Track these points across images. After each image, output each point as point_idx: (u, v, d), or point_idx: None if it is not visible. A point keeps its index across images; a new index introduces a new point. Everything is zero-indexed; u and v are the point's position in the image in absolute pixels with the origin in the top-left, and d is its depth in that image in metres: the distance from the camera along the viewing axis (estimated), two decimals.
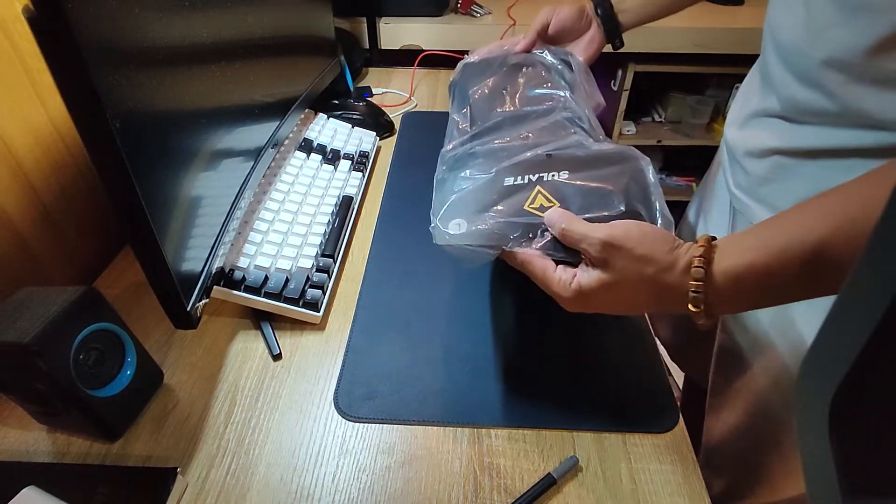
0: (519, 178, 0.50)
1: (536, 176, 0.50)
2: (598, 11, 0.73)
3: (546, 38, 0.74)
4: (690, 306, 0.39)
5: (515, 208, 0.48)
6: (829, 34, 0.46)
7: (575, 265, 0.44)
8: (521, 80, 0.67)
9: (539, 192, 0.48)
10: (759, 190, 0.58)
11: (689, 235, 0.82)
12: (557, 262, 0.45)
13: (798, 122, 0.52)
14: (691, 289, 0.38)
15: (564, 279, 0.43)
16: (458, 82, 0.71)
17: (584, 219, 0.44)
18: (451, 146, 0.60)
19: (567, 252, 0.45)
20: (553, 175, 0.49)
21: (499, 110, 0.63)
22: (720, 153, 0.73)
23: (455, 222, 0.48)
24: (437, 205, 0.51)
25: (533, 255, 0.45)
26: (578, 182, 0.48)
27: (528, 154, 0.52)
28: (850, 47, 0.45)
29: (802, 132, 0.52)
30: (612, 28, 0.73)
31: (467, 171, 0.53)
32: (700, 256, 0.38)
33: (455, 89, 0.71)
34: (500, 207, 0.48)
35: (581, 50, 0.74)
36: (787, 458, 0.61)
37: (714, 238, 0.40)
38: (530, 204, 0.48)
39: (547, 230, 0.45)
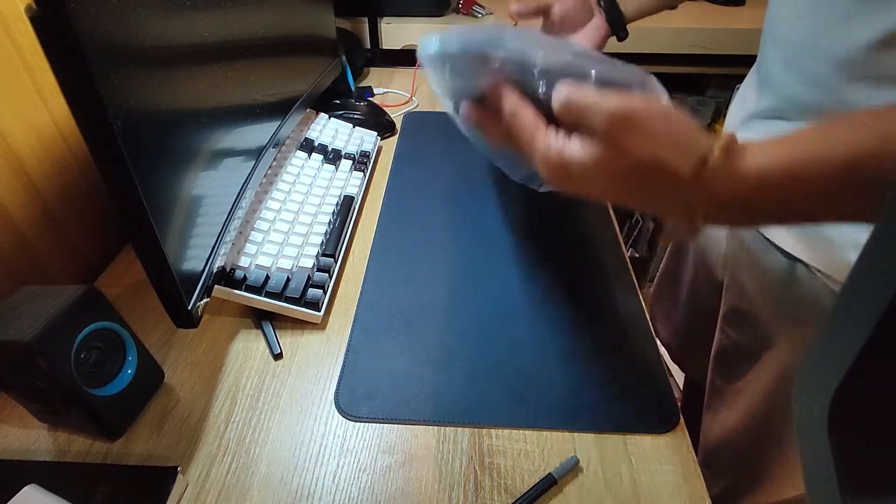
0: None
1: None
2: (602, 3, 0.71)
3: (549, 25, 0.72)
4: (690, 205, 0.34)
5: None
6: (833, 29, 0.46)
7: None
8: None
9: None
10: None
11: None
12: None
13: (797, 122, 0.52)
14: (706, 158, 0.33)
15: (555, 145, 0.36)
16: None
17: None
18: None
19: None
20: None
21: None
22: None
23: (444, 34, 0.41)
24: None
25: (526, 105, 0.38)
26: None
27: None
28: (855, 42, 0.44)
29: None
30: (616, 18, 0.70)
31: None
32: (720, 146, 0.33)
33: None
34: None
35: (586, 38, 0.71)
36: (788, 459, 0.61)
37: (734, 139, 0.34)
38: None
39: (544, 79, 0.38)
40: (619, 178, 0.35)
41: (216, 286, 0.57)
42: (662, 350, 0.84)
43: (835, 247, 0.51)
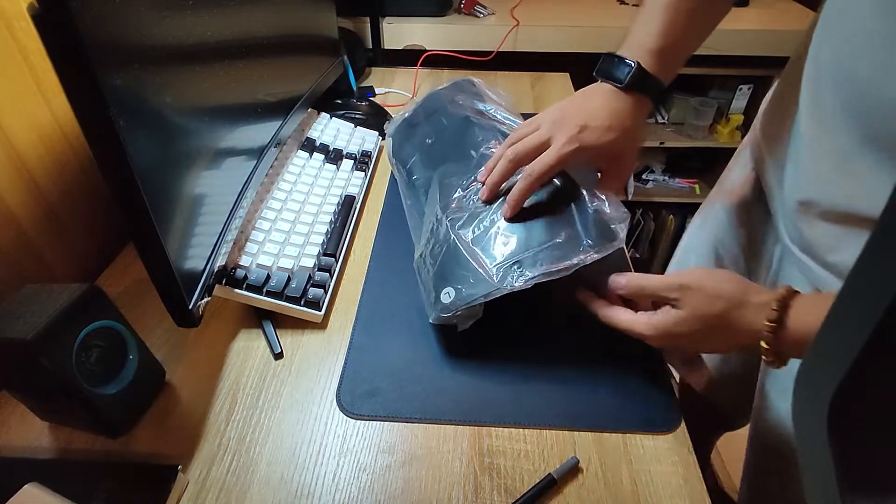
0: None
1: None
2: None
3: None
4: (762, 344, 0.41)
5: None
6: None
7: None
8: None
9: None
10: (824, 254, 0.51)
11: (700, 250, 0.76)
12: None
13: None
14: (765, 329, 0.40)
15: (643, 321, 0.48)
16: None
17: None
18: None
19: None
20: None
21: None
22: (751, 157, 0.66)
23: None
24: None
25: (614, 310, 0.51)
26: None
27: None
28: None
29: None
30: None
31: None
32: (778, 301, 0.40)
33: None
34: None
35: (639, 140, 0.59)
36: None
37: (795, 291, 0.42)
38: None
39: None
40: (697, 329, 0.45)
41: (217, 285, 0.57)
42: None
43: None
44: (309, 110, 0.89)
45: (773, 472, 0.60)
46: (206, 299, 0.52)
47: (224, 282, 0.58)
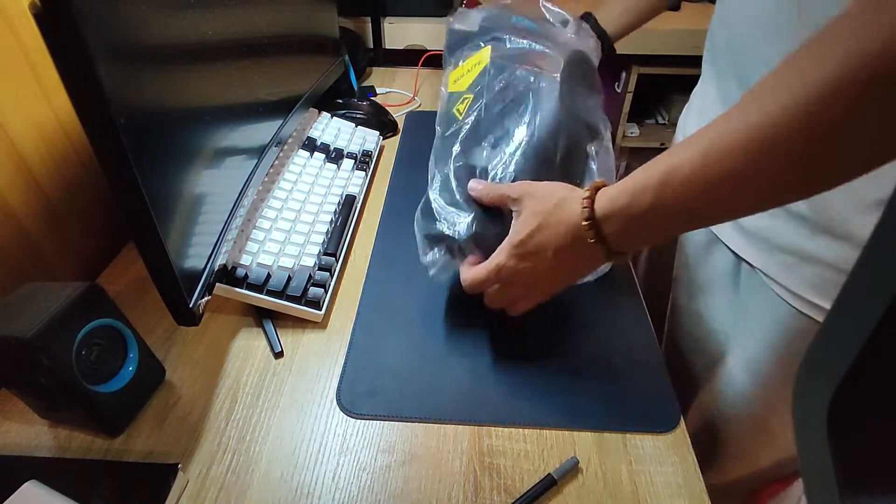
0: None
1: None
2: (588, 22, 0.77)
3: None
4: (588, 239, 0.43)
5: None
6: (781, 13, 0.47)
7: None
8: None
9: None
10: None
11: None
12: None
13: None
14: (583, 217, 0.43)
15: (482, 266, 0.51)
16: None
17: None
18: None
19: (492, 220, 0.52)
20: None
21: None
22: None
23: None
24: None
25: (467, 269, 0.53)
26: None
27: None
28: (800, 28, 0.45)
29: None
30: (609, 53, 0.79)
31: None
32: (588, 190, 0.44)
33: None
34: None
35: None
36: (761, 431, 0.63)
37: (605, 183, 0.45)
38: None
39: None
40: (538, 241, 0.47)
41: (218, 284, 0.57)
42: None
43: (778, 251, 0.53)
44: (310, 110, 0.89)
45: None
46: (206, 298, 0.53)
47: (224, 281, 0.58)
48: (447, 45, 0.76)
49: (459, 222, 0.54)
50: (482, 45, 0.69)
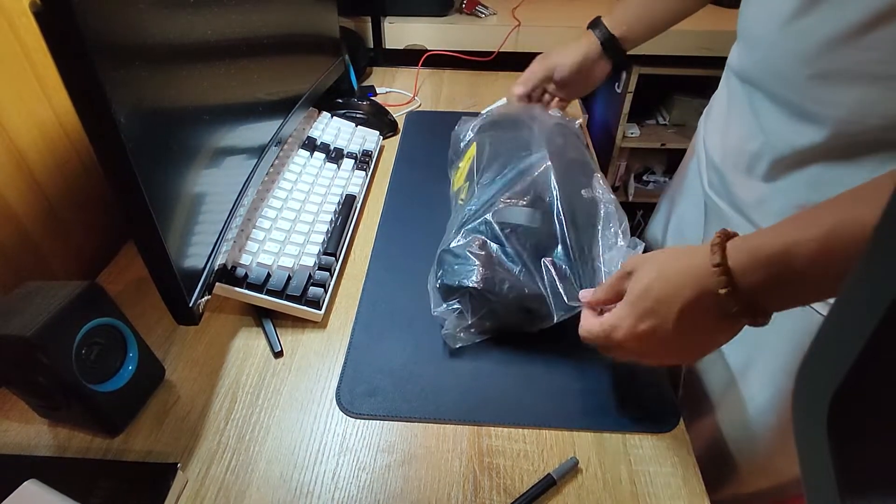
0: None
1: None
2: (604, 45, 0.76)
3: (557, 88, 0.82)
4: (718, 289, 0.37)
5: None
6: (792, 25, 0.47)
7: None
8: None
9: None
10: (735, 197, 0.59)
11: (660, 225, 0.85)
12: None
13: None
14: (713, 262, 0.38)
15: (597, 320, 0.47)
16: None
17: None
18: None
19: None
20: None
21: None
22: (695, 148, 0.74)
23: None
24: None
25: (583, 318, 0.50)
26: None
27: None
28: (812, 38, 0.45)
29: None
30: (619, 59, 0.78)
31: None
32: (717, 237, 0.39)
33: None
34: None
35: (584, 87, 0.82)
36: (761, 454, 0.62)
37: (730, 232, 0.41)
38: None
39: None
40: (656, 305, 0.41)
41: (217, 283, 0.57)
42: None
43: None
44: (310, 109, 0.89)
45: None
46: (206, 297, 0.52)
47: (224, 280, 0.58)
48: (452, 149, 0.82)
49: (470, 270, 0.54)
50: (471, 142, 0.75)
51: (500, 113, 0.80)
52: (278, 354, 0.57)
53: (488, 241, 0.56)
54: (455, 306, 0.55)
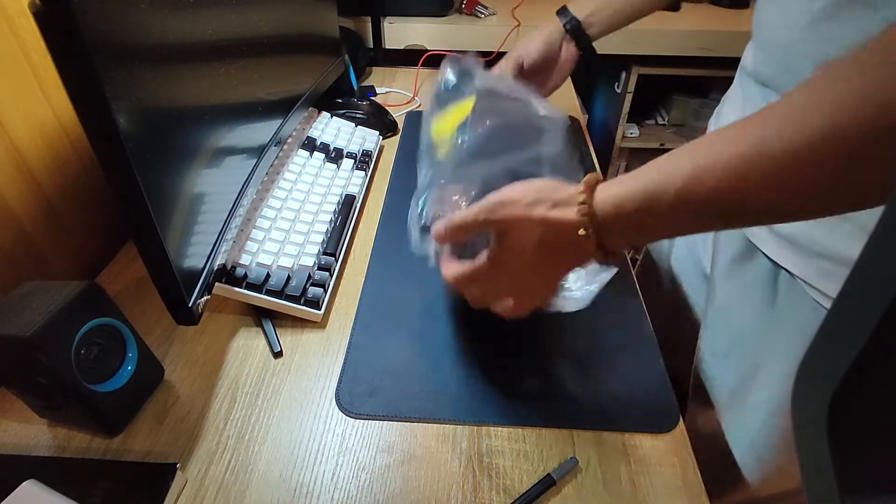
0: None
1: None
2: (567, 27, 0.77)
3: (524, 75, 0.81)
4: (580, 231, 0.40)
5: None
6: (814, 30, 0.46)
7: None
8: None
9: None
10: None
11: None
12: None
13: None
14: (579, 211, 0.39)
15: (463, 265, 0.47)
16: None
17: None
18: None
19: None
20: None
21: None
22: None
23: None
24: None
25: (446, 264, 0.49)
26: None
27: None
28: (834, 43, 0.45)
29: None
30: (584, 43, 0.78)
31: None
32: (583, 184, 0.41)
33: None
34: None
35: (557, 75, 0.81)
36: (770, 458, 0.61)
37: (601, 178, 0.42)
38: None
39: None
40: (520, 244, 0.43)
41: (217, 283, 0.57)
42: None
43: (815, 256, 0.51)
44: (310, 109, 0.89)
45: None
46: (205, 297, 0.52)
47: (224, 280, 0.58)
48: (436, 92, 0.76)
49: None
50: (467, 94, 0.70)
51: (495, 83, 0.77)
52: (278, 354, 0.57)
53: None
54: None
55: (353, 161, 0.82)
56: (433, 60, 1.18)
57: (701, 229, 0.39)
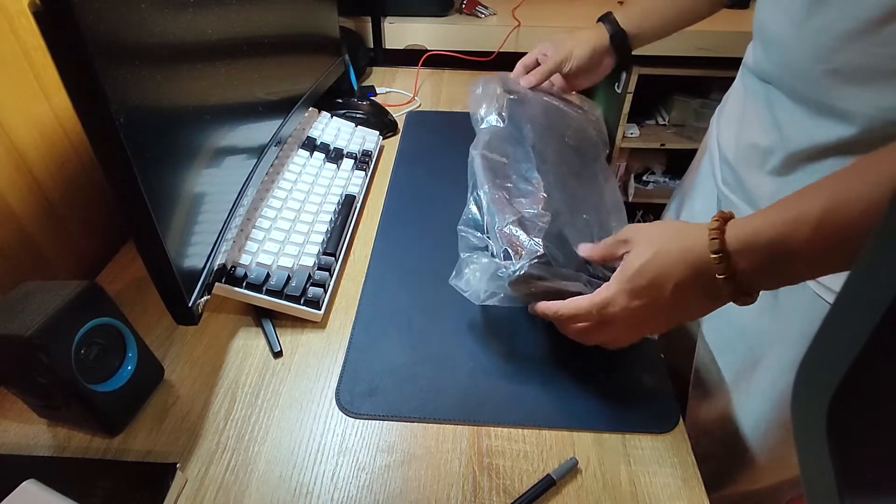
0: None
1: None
2: (615, 42, 0.76)
3: (566, 77, 0.80)
4: (716, 274, 0.38)
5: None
6: (807, 22, 0.47)
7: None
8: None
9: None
10: (749, 192, 0.59)
11: (671, 219, 0.85)
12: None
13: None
14: (712, 249, 0.38)
15: (586, 298, 0.47)
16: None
17: None
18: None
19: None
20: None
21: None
22: (708, 145, 0.74)
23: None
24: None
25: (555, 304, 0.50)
26: None
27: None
28: (825, 34, 0.45)
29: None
30: (624, 57, 0.78)
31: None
32: (716, 221, 0.40)
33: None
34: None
35: (589, 79, 0.81)
36: (769, 449, 0.62)
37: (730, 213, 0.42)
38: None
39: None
40: (652, 278, 0.42)
41: (217, 283, 0.57)
42: None
43: None
44: (310, 109, 0.89)
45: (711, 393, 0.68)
46: (205, 297, 0.52)
47: (224, 280, 0.58)
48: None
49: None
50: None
51: (524, 94, 0.78)
52: (278, 354, 0.57)
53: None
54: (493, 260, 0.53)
55: (353, 161, 0.82)
56: (433, 60, 1.18)
57: (844, 268, 0.37)
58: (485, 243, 0.57)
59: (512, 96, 0.75)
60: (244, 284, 0.59)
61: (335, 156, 0.81)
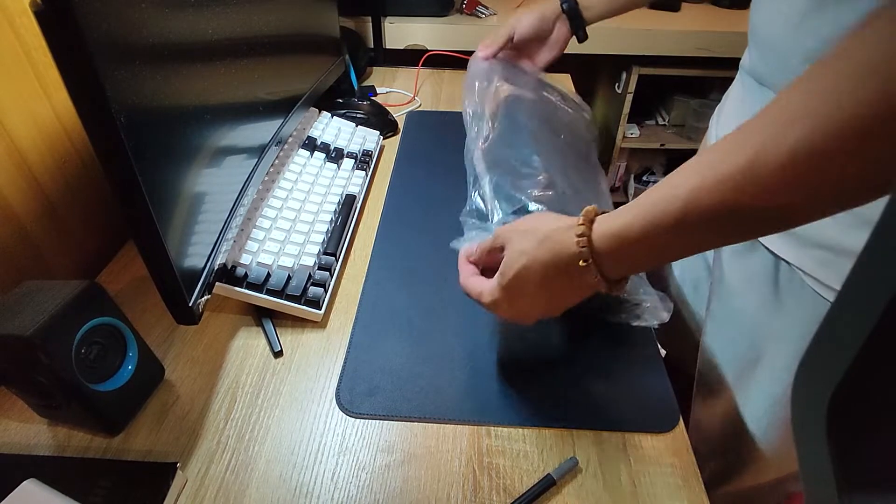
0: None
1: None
2: (564, 7, 0.78)
3: (513, 47, 0.82)
4: (580, 262, 0.41)
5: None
6: (804, 23, 0.47)
7: None
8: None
9: None
10: None
11: None
12: None
13: None
14: (578, 243, 0.40)
15: (475, 283, 0.50)
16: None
17: None
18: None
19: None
20: None
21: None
22: (707, 144, 0.74)
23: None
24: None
25: (470, 278, 0.51)
26: None
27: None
28: (820, 36, 0.45)
29: None
30: (578, 24, 0.79)
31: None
32: (582, 216, 0.42)
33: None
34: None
35: (547, 51, 0.82)
36: (771, 445, 0.62)
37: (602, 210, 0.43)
38: None
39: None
40: (525, 270, 0.44)
41: (217, 283, 0.57)
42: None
43: (812, 246, 0.52)
44: (310, 109, 0.89)
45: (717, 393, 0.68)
46: (206, 297, 0.53)
47: (224, 280, 0.58)
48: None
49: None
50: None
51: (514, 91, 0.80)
52: (278, 354, 0.57)
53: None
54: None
55: (353, 161, 0.82)
56: (433, 60, 1.18)
57: (711, 247, 0.40)
58: (488, 229, 0.58)
59: (507, 93, 0.76)
60: (245, 284, 0.59)
61: (336, 156, 0.81)
